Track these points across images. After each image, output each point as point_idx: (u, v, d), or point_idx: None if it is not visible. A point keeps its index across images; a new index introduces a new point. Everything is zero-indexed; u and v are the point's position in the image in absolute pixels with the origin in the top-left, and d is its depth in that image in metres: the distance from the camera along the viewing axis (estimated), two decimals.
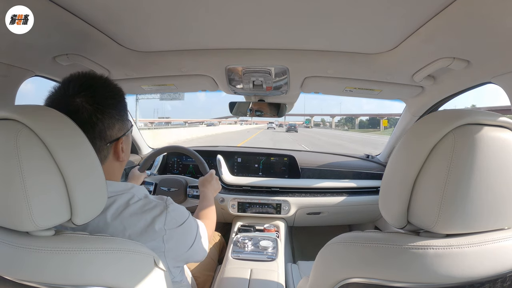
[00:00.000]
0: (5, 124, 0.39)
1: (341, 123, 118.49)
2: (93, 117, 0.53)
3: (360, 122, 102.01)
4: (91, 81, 0.55)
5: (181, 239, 0.61)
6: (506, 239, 0.41)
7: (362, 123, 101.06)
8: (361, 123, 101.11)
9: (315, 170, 1.60)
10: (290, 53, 0.88)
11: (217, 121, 66.51)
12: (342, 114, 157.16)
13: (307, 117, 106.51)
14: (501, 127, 0.39)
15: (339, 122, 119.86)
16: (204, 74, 1.06)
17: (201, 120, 78.56)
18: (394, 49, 0.80)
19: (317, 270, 0.50)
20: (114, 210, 0.54)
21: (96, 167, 0.45)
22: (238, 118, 56.16)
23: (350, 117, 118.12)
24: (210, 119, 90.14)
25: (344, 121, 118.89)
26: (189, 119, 75.64)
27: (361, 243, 0.44)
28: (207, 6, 0.61)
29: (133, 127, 1.20)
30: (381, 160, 1.67)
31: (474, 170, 0.37)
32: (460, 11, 0.55)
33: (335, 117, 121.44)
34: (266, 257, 1.16)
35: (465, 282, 0.38)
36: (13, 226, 0.40)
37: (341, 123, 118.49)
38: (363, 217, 1.62)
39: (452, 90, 1.01)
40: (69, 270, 0.39)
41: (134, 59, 0.91)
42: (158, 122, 59.78)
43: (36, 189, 0.38)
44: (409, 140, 0.43)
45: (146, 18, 0.67)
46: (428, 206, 0.39)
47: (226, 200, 1.46)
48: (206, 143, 6.36)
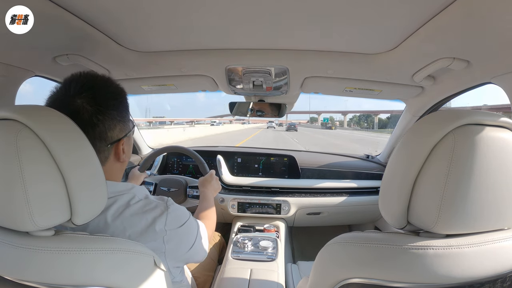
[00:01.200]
0: (5, 124, 0.39)
1: (353, 121, 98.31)
2: (93, 118, 0.52)
3: (380, 120, 77.68)
4: (92, 82, 0.54)
5: (182, 239, 0.61)
6: (506, 239, 0.41)
7: (381, 122, 76.66)
8: (381, 121, 77.08)
9: (315, 170, 1.60)
10: (290, 53, 0.88)
11: (216, 120, 64.44)
12: (357, 111, 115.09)
13: (325, 115, 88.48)
14: (501, 127, 0.39)
15: (351, 121, 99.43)
16: (204, 74, 1.06)
17: (197, 119, 75.01)
18: (394, 49, 0.80)
19: (317, 270, 0.50)
20: (114, 210, 0.54)
21: (96, 168, 0.45)
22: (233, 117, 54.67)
23: (366, 114, 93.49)
24: (204, 118, 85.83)
25: (357, 119, 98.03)
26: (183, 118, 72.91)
27: (361, 243, 0.44)
28: (207, 6, 0.61)
29: (134, 128, 1.20)
30: (381, 160, 1.66)
31: (474, 170, 0.37)
32: (460, 11, 0.55)
33: (347, 114, 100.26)
34: (266, 257, 1.16)
35: (465, 282, 0.38)
36: (13, 226, 0.40)
37: (353, 121, 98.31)
38: (363, 217, 1.62)
39: (452, 90, 1.01)
40: (69, 270, 0.39)
41: (134, 59, 0.91)
42: (154, 122, 58.72)
43: (36, 189, 0.38)
44: (409, 140, 0.43)
45: (146, 18, 0.67)
46: (428, 207, 0.39)
47: (226, 200, 1.46)
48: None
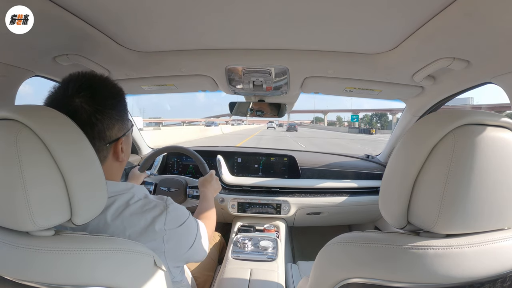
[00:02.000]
0: (5, 124, 0.39)
1: (364, 121, 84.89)
2: (92, 117, 0.53)
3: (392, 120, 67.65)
4: (90, 82, 0.55)
5: (181, 239, 0.61)
6: (506, 239, 0.41)
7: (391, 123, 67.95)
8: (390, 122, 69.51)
9: (315, 170, 1.60)
10: (290, 53, 0.88)
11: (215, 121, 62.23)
12: (370, 110, 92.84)
13: (353, 113, 73.52)
14: (501, 127, 0.39)
15: (362, 121, 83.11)
16: (204, 74, 1.06)
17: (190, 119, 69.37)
18: (394, 49, 0.80)
19: (317, 270, 0.50)
20: (114, 210, 0.54)
21: (96, 167, 0.45)
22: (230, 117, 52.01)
23: (379, 113, 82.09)
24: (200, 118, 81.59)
25: (368, 120, 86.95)
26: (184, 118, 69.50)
27: (361, 243, 0.44)
28: (207, 7, 0.61)
29: (133, 127, 1.20)
30: (381, 160, 1.67)
31: (474, 170, 0.37)
32: (460, 11, 0.55)
33: (359, 113, 77.57)
34: (266, 257, 1.16)
35: (465, 282, 0.38)
36: (13, 226, 0.40)
37: (364, 121, 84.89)
38: (363, 217, 1.62)
39: (452, 90, 1.01)
40: (69, 270, 0.39)
41: (134, 59, 0.91)
42: (149, 122, 57.76)
43: (36, 189, 0.38)
44: (409, 140, 0.43)
45: (146, 18, 0.67)
46: (428, 206, 0.39)
47: (226, 200, 1.46)
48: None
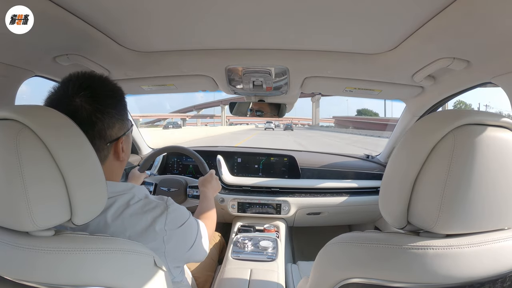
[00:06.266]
0: (5, 124, 0.39)
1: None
2: (92, 116, 0.53)
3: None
4: (90, 81, 0.55)
5: (182, 239, 0.61)
6: (506, 239, 0.41)
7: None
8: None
9: (315, 170, 1.60)
10: (290, 53, 0.88)
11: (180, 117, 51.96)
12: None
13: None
14: (501, 127, 0.39)
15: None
16: (204, 74, 1.06)
17: (144, 115, 53.15)
18: (394, 49, 0.80)
19: (317, 270, 0.50)
20: (114, 210, 0.54)
21: (96, 167, 0.45)
22: (198, 112, 44.33)
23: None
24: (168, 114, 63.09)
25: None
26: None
27: (361, 243, 0.44)
28: (207, 6, 0.61)
29: (133, 127, 1.20)
30: (381, 160, 1.66)
31: (474, 170, 0.37)
32: (460, 11, 0.55)
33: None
34: (266, 257, 1.16)
35: (465, 282, 0.38)
36: (13, 226, 0.40)
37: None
38: (363, 217, 1.62)
39: (452, 90, 1.01)
40: (69, 270, 0.39)
41: (134, 59, 0.91)
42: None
43: (36, 189, 0.38)
44: (409, 140, 0.43)
45: (146, 18, 0.67)
46: (428, 206, 0.39)
47: (226, 200, 1.46)
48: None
